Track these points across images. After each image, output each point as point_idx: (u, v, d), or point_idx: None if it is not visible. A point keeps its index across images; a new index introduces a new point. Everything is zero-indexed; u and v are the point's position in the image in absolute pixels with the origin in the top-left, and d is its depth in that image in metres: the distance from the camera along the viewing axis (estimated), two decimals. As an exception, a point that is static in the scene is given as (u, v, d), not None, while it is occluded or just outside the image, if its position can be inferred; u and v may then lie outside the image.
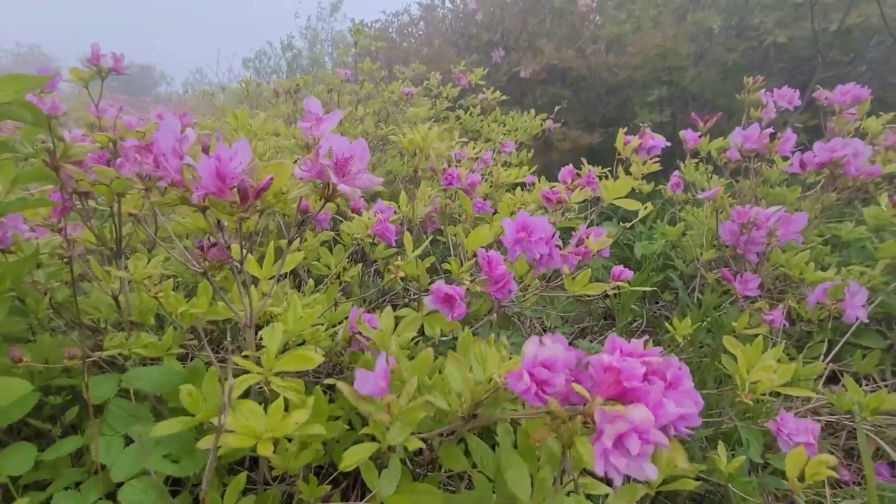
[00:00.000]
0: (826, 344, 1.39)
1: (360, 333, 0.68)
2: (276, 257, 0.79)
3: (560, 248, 1.03)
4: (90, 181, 0.70)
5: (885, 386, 1.41)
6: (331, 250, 1.15)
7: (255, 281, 0.80)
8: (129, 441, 0.67)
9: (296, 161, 0.56)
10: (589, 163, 1.37)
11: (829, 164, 1.36)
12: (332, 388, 0.69)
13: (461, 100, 2.69)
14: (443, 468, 0.75)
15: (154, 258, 0.83)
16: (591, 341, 1.67)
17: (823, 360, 1.37)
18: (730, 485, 0.88)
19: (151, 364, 0.79)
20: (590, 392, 0.45)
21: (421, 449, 0.81)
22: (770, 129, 1.44)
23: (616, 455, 0.41)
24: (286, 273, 1.12)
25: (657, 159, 1.22)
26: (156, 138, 0.57)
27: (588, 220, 1.35)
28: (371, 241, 1.07)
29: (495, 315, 1.00)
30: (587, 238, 1.04)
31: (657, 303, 1.93)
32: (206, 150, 0.74)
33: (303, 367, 0.58)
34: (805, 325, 1.40)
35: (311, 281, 0.98)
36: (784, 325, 1.31)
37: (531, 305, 1.26)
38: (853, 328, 1.37)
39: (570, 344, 1.69)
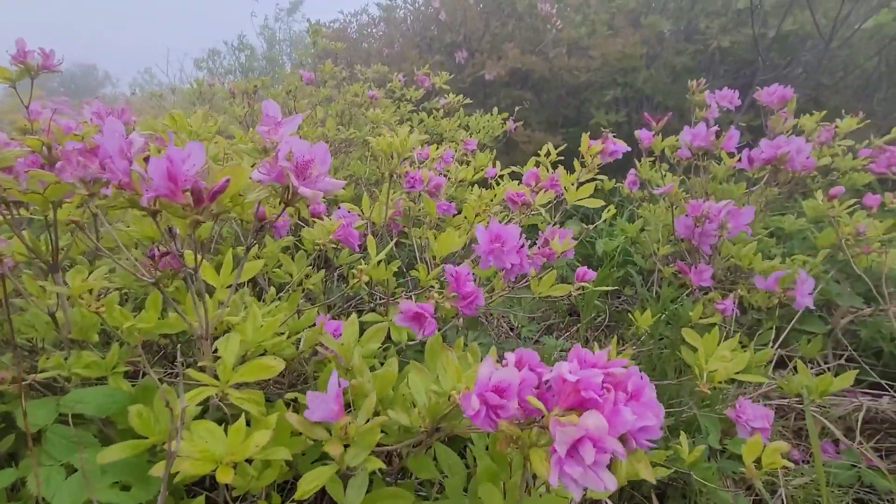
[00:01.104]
0: (774, 330, 1.47)
1: (322, 345, 0.65)
2: (234, 265, 0.76)
3: (527, 250, 1.04)
4: (21, 189, 0.65)
5: (828, 368, 1.50)
6: (293, 257, 1.11)
7: (212, 290, 0.76)
8: (73, 471, 0.62)
9: (253, 165, 0.53)
10: (554, 163, 1.39)
11: (775, 159, 1.44)
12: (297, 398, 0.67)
13: (425, 102, 2.68)
14: (414, 475, 0.74)
15: (97, 270, 0.77)
16: (558, 338, 1.70)
17: (772, 346, 1.45)
18: (692, 472, 0.91)
19: (97, 384, 0.74)
20: (552, 402, 0.44)
21: (390, 457, 0.79)
22: (716, 128, 1.51)
23: (571, 464, 0.40)
24: (245, 282, 1.08)
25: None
26: (101, 140, 0.53)
27: (553, 221, 1.37)
28: (334, 246, 1.05)
29: (461, 320, 1.00)
30: (552, 239, 1.05)
31: (619, 297, 1.98)
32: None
33: (263, 376, 0.55)
34: (755, 314, 1.47)
35: (271, 289, 0.94)
36: (735, 313, 1.38)
37: (498, 305, 1.27)
38: (798, 315, 1.45)
39: (536, 342, 1.70)
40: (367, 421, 0.50)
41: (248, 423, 0.56)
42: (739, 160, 1.48)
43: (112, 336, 0.82)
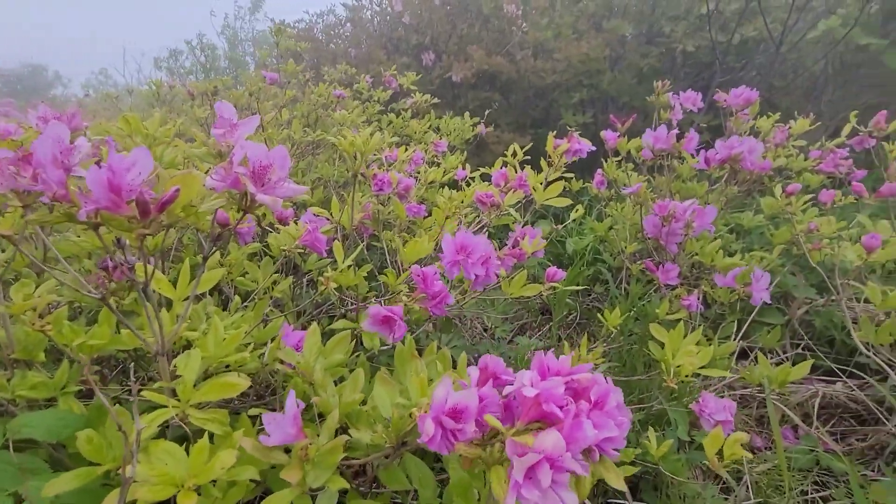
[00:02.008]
0: (736, 323, 1.52)
1: (280, 361, 0.63)
2: (194, 275, 0.72)
3: (496, 251, 1.04)
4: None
5: (787, 358, 1.57)
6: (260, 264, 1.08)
7: (170, 303, 0.72)
8: (21, 501, 0.58)
9: (207, 171, 0.51)
10: (522, 163, 1.40)
11: (729, 159, 1.49)
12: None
13: (393, 103, 2.66)
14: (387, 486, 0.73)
15: (45, 283, 0.73)
16: (531, 337, 1.71)
17: (735, 339, 1.50)
18: (661, 465, 0.93)
19: (47, 406, 0.69)
20: (517, 412, 0.44)
21: (364, 468, 0.78)
22: (676, 130, 1.56)
23: (529, 487, 0.39)
24: (208, 291, 1.03)
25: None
26: (34, 147, 0.50)
27: (524, 221, 1.38)
28: (301, 252, 1.02)
29: (432, 325, 0.99)
30: (522, 240, 1.06)
31: (590, 295, 2.02)
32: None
33: (226, 395, 0.53)
34: (718, 308, 1.53)
35: (236, 298, 0.91)
36: (700, 308, 1.42)
37: (471, 307, 1.27)
38: (758, 308, 1.51)
39: (510, 342, 1.70)
40: (331, 439, 0.48)
41: (211, 440, 0.53)
42: (699, 161, 1.53)
43: (63, 353, 0.77)
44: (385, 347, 0.94)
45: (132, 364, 0.99)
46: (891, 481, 1.01)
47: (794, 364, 1.06)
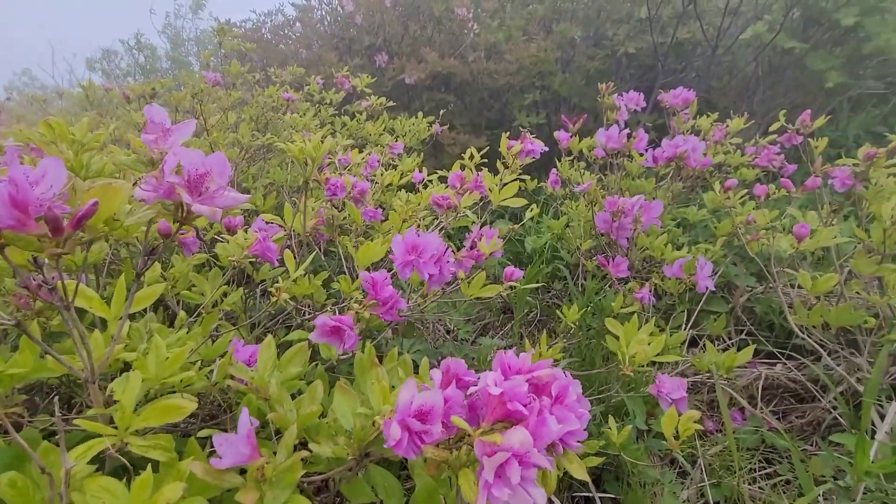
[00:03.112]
0: (686, 313, 1.60)
1: (232, 377, 0.60)
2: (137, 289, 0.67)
3: (454, 253, 1.03)
4: None
5: (732, 343, 1.66)
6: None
7: (106, 322, 0.67)
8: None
9: (135, 183, 0.47)
10: (480, 165, 1.41)
11: (675, 157, 1.57)
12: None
13: (346, 105, 2.61)
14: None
15: (-44, 309, 0.65)
16: (493, 337, 1.72)
17: (685, 328, 1.57)
18: (622, 454, 0.96)
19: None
20: (482, 412, 0.44)
21: (326, 483, 0.75)
22: (626, 130, 1.62)
23: (499, 486, 0.39)
24: (151, 307, 0.97)
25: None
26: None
27: (482, 221, 1.39)
28: (253, 261, 0.98)
29: (393, 330, 0.98)
30: (480, 240, 1.06)
31: (549, 292, 2.06)
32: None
33: (170, 419, 0.49)
34: (668, 299, 1.60)
35: (181, 313, 0.86)
36: (652, 300, 1.48)
37: (432, 310, 1.26)
38: (705, 297, 1.59)
39: (473, 342, 1.70)
40: (289, 456, 0.46)
41: (157, 470, 0.49)
42: (647, 159, 1.60)
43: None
44: (346, 356, 0.92)
45: (67, 390, 0.91)
46: (826, 455, 1.09)
47: (738, 349, 1.13)
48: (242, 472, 0.50)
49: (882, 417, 1.12)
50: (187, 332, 0.77)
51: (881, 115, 3.05)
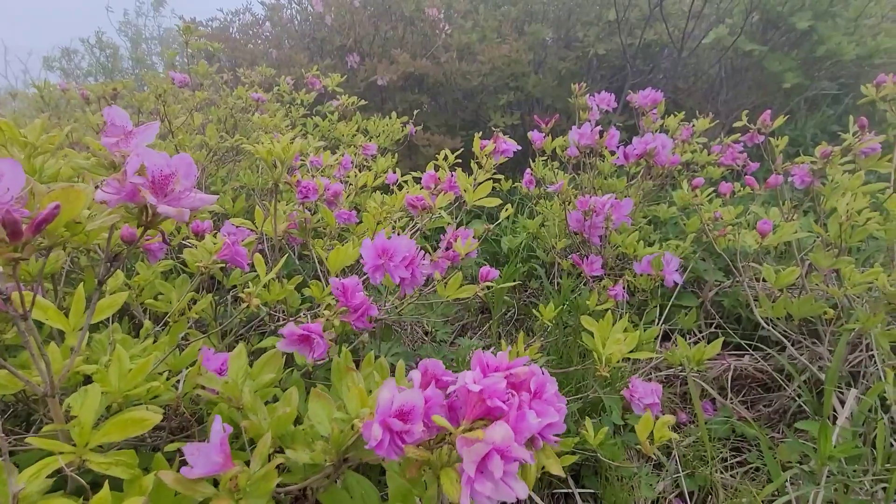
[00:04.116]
0: (658, 308, 1.64)
1: (202, 387, 0.57)
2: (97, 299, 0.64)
3: (430, 254, 1.03)
4: None
5: (703, 337, 1.71)
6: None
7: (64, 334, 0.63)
8: None
9: (97, 186, 0.44)
10: (455, 165, 1.41)
11: (645, 155, 1.60)
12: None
13: (318, 106, 2.57)
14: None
15: None
16: (471, 337, 1.72)
17: (658, 323, 1.61)
18: (598, 452, 0.97)
19: None
20: (461, 412, 0.43)
21: (303, 492, 0.73)
22: (599, 128, 1.65)
23: (481, 481, 0.39)
24: (116, 317, 0.93)
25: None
26: None
27: (457, 222, 1.38)
28: (223, 267, 0.95)
29: (366, 334, 0.96)
30: (455, 241, 1.06)
31: (526, 291, 2.08)
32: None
33: (133, 432, 0.47)
34: (641, 295, 1.63)
35: (147, 322, 0.82)
36: (625, 297, 1.51)
37: (409, 312, 1.25)
38: (676, 292, 1.63)
39: (451, 343, 1.70)
40: (264, 465, 0.44)
41: (119, 487, 0.47)
42: (618, 157, 1.63)
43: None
44: (322, 361, 0.90)
45: (24, 407, 0.86)
46: (792, 442, 1.13)
47: (708, 342, 1.16)
48: (215, 482, 0.49)
49: (843, 404, 1.17)
50: (154, 342, 0.74)
51: (835, 114, 3.21)
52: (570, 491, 1.12)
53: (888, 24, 3.14)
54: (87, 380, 0.65)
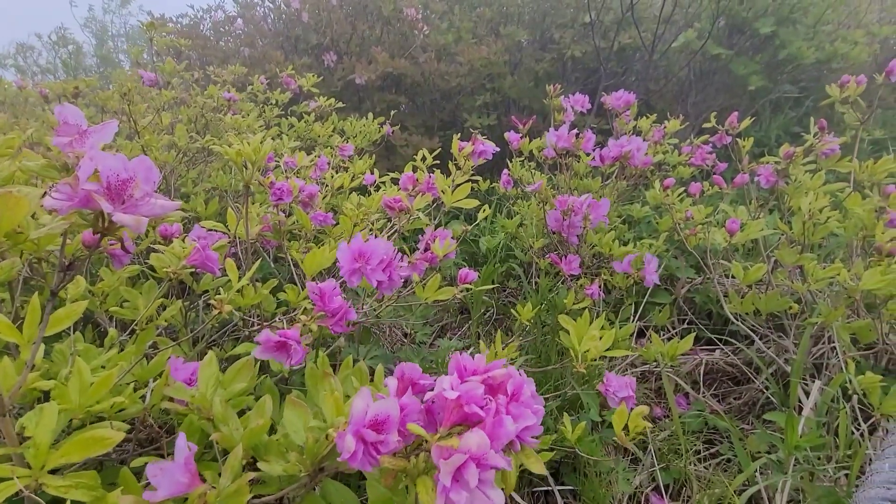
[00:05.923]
0: (633, 305, 1.67)
1: (171, 399, 0.56)
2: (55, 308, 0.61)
3: (408, 255, 1.02)
4: None
5: (676, 333, 1.75)
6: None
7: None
8: None
9: (45, 193, 0.42)
10: (433, 166, 1.40)
11: (621, 156, 1.63)
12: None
13: (293, 106, 2.53)
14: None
15: None
16: (451, 338, 1.72)
17: (633, 320, 1.65)
18: (577, 449, 0.99)
19: None
20: (439, 418, 0.43)
21: (281, 501, 0.72)
22: (575, 130, 1.67)
23: (457, 490, 0.39)
24: (79, 327, 0.89)
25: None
26: None
27: (435, 223, 1.38)
28: (193, 272, 0.92)
29: (343, 338, 0.95)
30: (434, 242, 1.06)
31: (504, 291, 2.09)
32: None
33: (94, 452, 0.45)
34: (617, 293, 1.66)
35: (111, 330, 0.79)
36: (602, 295, 1.54)
37: (388, 314, 1.24)
38: (650, 290, 1.67)
39: (431, 345, 1.69)
40: (236, 478, 0.43)
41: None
42: (593, 158, 1.66)
43: None
44: (298, 366, 0.88)
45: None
46: (761, 433, 1.17)
47: (681, 338, 1.19)
48: (184, 501, 0.47)
49: (807, 395, 1.22)
50: (119, 352, 0.71)
51: (797, 116, 3.34)
52: (549, 488, 1.13)
53: (844, 30, 3.30)
54: (47, 396, 0.62)
